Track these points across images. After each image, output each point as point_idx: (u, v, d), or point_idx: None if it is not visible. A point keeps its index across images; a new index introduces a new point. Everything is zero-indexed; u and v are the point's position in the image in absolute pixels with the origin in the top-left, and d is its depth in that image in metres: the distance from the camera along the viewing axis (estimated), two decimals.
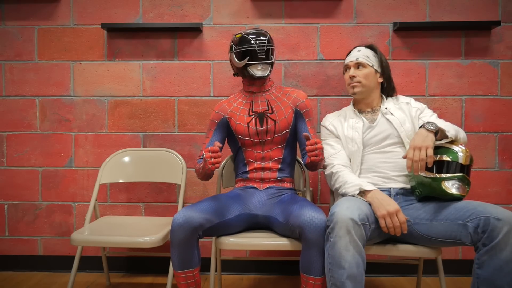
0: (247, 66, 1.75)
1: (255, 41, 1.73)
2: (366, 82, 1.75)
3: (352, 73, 1.76)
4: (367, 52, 1.78)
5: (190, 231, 1.50)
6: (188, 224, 1.49)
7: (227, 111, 1.83)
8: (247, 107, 1.81)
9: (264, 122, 1.78)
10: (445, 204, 1.52)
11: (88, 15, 2.28)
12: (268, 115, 1.79)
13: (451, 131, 1.56)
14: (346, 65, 1.82)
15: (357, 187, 1.58)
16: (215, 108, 1.86)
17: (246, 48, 1.73)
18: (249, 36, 1.74)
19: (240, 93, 1.87)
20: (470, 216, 1.40)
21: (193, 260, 1.55)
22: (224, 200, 1.68)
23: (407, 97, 1.83)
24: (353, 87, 1.77)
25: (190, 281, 1.56)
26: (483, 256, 1.35)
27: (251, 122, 1.78)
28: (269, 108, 1.80)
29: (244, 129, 1.78)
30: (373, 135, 1.72)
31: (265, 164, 1.80)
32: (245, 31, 1.77)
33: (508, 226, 1.31)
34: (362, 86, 1.75)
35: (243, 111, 1.81)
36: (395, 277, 2.28)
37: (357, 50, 1.79)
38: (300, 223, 1.49)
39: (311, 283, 1.52)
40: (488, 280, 1.33)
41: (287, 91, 1.85)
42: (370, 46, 1.82)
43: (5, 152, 2.33)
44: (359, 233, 1.38)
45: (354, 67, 1.78)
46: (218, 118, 1.83)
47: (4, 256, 2.34)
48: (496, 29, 2.22)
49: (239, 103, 1.83)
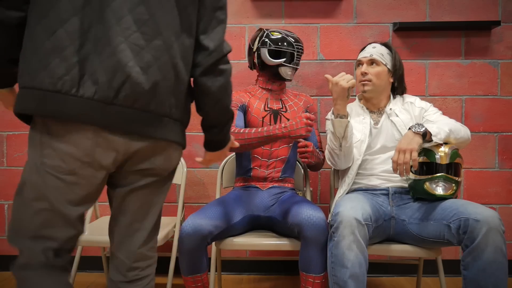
0: (280, 66, 1.76)
1: (296, 46, 1.77)
2: (377, 81, 1.71)
3: (364, 70, 1.72)
4: (382, 50, 1.73)
5: (200, 239, 1.49)
6: (197, 233, 1.48)
7: (247, 100, 1.83)
8: (262, 101, 1.83)
9: (278, 120, 1.80)
10: (434, 204, 1.53)
11: None
12: (282, 113, 1.81)
13: (441, 133, 1.52)
14: (359, 61, 1.77)
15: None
16: (235, 94, 1.83)
17: (286, 49, 1.76)
18: (288, 37, 1.77)
19: (255, 88, 1.88)
20: (452, 217, 1.41)
21: (202, 265, 1.55)
22: (228, 204, 1.68)
23: (412, 96, 1.80)
24: (364, 84, 1.73)
25: (198, 285, 1.57)
26: (467, 258, 1.35)
27: (265, 117, 1.80)
28: (283, 107, 1.82)
29: (258, 122, 1.79)
30: (377, 138, 1.71)
31: (271, 162, 1.80)
32: (284, 31, 1.79)
33: (487, 227, 1.31)
34: (372, 85, 1.72)
35: (260, 104, 1.82)
36: (395, 277, 2.28)
37: (372, 47, 1.75)
38: (299, 221, 1.50)
39: (310, 281, 1.52)
40: (473, 281, 1.34)
41: (298, 94, 1.91)
42: (386, 44, 1.77)
43: (5, 152, 2.33)
44: (362, 233, 1.38)
45: (367, 63, 1.73)
46: (240, 102, 1.81)
47: (4, 256, 2.34)
48: (496, 29, 2.22)
49: (256, 97, 1.84)
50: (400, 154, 1.49)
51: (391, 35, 2.25)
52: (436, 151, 1.52)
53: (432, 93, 2.26)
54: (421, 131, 1.50)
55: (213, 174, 2.30)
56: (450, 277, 2.26)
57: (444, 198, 1.52)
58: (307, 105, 1.87)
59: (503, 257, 1.31)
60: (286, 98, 1.85)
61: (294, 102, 1.85)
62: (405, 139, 1.51)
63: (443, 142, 1.54)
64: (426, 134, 1.51)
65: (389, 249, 1.58)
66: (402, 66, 1.77)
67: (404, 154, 1.49)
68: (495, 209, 2.26)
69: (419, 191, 1.56)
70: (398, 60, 1.75)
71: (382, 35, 2.25)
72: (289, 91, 1.90)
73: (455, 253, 2.28)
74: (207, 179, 2.31)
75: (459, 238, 1.39)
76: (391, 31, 2.25)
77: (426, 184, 1.52)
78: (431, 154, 1.52)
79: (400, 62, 1.76)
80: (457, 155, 1.53)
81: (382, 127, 1.72)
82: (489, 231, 1.30)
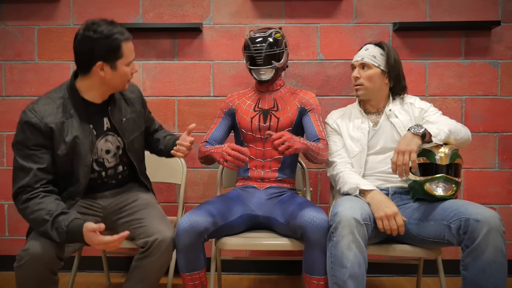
0: (250, 70, 1.78)
1: (253, 48, 1.73)
2: (369, 85, 1.70)
3: (355, 74, 1.72)
4: (375, 51, 1.71)
5: (196, 235, 1.49)
6: (193, 229, 1.48)
7: (235, 103, 1.86)
8: (254, 102, 1.84)
9: (267, 119, 1.79)
10: (434, 205, 1.53)
11: (88, 15, 2.28)
12: (273, 112, 1.80)
13: (441, 134, 1.51)
14: (351, 64, 1.77)
15: (356, 188, 1.58)
16: (226, 99, 1.90)
17: (248, 53, 1.76)
18: (250, 41, 1.75)
19: (252, 89, 1.90)
20: (453, 217, 1.41)
21: (199, 262, 1.55)
22: (226, 201, 1.68)
23: (412, 97, 1.78)
24: (357, 89, 1.72)
25: (196, 283, 1.57)
26: (466, 258, 1.35)
27: (255, 117, 1.80)
28: (274, 106, 1.81)
29: (247, 123, 1.80)
30: (376, 140, 1.70)
31: (265, 162, 1.80)
32: (251, 34, 1.78)
33: (487, 227, 1.30)
34: (365, 89, 1.70)
35: (250, 105, 1.83)
36: (395, 277, 2.28)
37: (364, 49, 1.73)
38: (302, 223, 1.49)
39: (314, 283, 1.51)
40: (473, 281, 1.34)
41: (296, 91, 1.86)
42: (380, 44, 1.74)
43: (5, 152, 2.33)
44: (361, 233, 1.38)
45: (359, 67, 1.72)
46: (226, 108, 1.87)
47: (4, 256, 2.34)
48: (496, 29, 2.22)
49: (248, 97, 1.86)
50: (399, 155, 1.49)
51: (391, 35, 2.25)
52: (436, 152, 1.51)
53: (432, 93, 2.26)
54: (420, 132, 1.50)
55: (213, 174, 2.30)
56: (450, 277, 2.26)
57: (444, 199, 1.52)
58: (302, 100, 1.81)
59: (503, 258, 1.31)
60: (281, 97, 1.83)
61: (288, 100, 1.82)
62: (404, 140, 1.51)
63: (443, 143, 1.53)
64: (425, 135, 1.51)
65: (389, 249, 1.58)
66: (399, 65, 1.73)
67: (403, 155, 1.48)
68: (495, 209, 2.26)
69: (419, 192, 1.55)
70: (394, 59, 1.71)
71: (382, 35, 2.25)
72: (288, 89, 1.87)
73: (455, 253, 2.28)
74: (207, 179, 2.31)
75: (459, 238, 1.38)
76: (391, 31, 2.25)
77: (426, 185, 1.52)
78: (431, 155, 1.52)
79: (396, 60, 1.72)
80: (457, 156, 1.53)
81: (381, 128, 1.71)
82: (490, 232, 1.30)
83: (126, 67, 1.46)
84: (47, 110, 1.41)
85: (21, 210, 1.38)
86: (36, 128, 1.38)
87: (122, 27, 1.44)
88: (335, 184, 1.72)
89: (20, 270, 1.32)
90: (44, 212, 1.33)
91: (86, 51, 1.40)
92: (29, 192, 1.37)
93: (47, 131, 1.39)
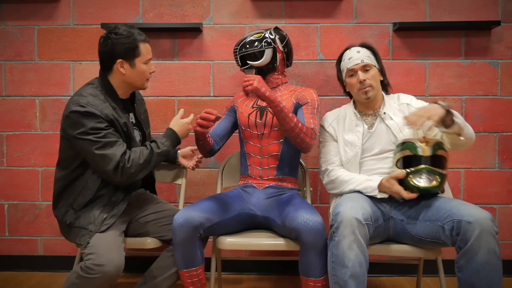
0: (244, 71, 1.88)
1: (234, 51, 1.86)
2: (376, 84, 1.68)
3: (362, 77, 1.65)
4: (366, 52, 1.70)
5: (191, 230, 1.51)
6: (188, 223, 1.51)
7: (237, 101, 1.93)
8: (253, 100, 1.88)
9: (264, 116, 1.81)
10: (429, 204, 1.52)
11: (88, 15, 2.28)
12: (269, 109, 1.81)
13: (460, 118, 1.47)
14: (351, 70, 1.69)
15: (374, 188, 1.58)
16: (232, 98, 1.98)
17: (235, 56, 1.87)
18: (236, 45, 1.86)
19: None
20: (446, 219, 1.40)
21: (196, 258, 1.56)
22: (224, 199, 1.69)
23: (408, 96, 1.75)
24: (366, 92, 1.66)
25: (194, 280, 1.58)
26: (460, 260, 1.35)
27: (252, 114, 1.83)
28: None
29: (245, 119, 1.83)
30: (371, 143, 1.68)
31: (263, 159, 1.80)
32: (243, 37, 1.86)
33: (479, 229, 1.30)
34: (373, 89, 1.67)
35: (249, 103, 1.88)
36: (395, 277, 2.28)
37: (356, 51, 1.70)
38: (295, 226, 1.49)
39: (311, 285, 1.52)
40: (468, 283, 1.34)
41: (297, 89, 1.86)
42: (365, 45, 1.74)
43: (5, 152, 2.33)
44: (363, 233, 1.38)
45: (362, 70, 1.67)
46: (230, 105, 1.95)
47: (4, 256, 2.34)
48: (496, 29, 2.22)
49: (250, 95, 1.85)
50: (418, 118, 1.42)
51: (391, 35, 2.25)
52: (418, 144, 1.51)
53: (432, 93, 2.26)
54: (446, 106, 1.44)
55: (213, 174, 2.30)
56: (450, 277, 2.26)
57: (428, 191, 1.50)
58: (298, 96, 1.81)
59: (496, 259, 1.31)
60: (279, 94, 1.84)
61: (285, 97, 1.83)
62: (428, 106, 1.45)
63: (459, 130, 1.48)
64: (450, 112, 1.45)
65: (389, 249, 1.58)
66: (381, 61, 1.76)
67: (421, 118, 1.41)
68: (495, 209, 2.26)
69: (405, 185, 1.53)
70: (379, 56, 1.75)
71: (382, 35, 2.25)
72: (288, 87, 1.87)
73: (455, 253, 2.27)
74: (207, 179, 2.31)
75: (452, 239, 1.38)
76: (391, 31, 2.25)
77: (410, 177, 1.51)
78: (413, 146, 1.51)
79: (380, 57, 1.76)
80: (440, 148, 1.52)
81: (376, 130, 1.69)
82: (481, 234, 1.30)
83: (144, 65, 1.60)
84: (99, 104, 1.53)
85: (130, 168, 1.52)
86: (99, 117, 1.50)
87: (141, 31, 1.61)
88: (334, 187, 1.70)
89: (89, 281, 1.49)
90: (143, 150, 1.56)
91: (107, 50, 1.55)
92: (127, 153, 1.53)
93: (108, 120, 1.53)
